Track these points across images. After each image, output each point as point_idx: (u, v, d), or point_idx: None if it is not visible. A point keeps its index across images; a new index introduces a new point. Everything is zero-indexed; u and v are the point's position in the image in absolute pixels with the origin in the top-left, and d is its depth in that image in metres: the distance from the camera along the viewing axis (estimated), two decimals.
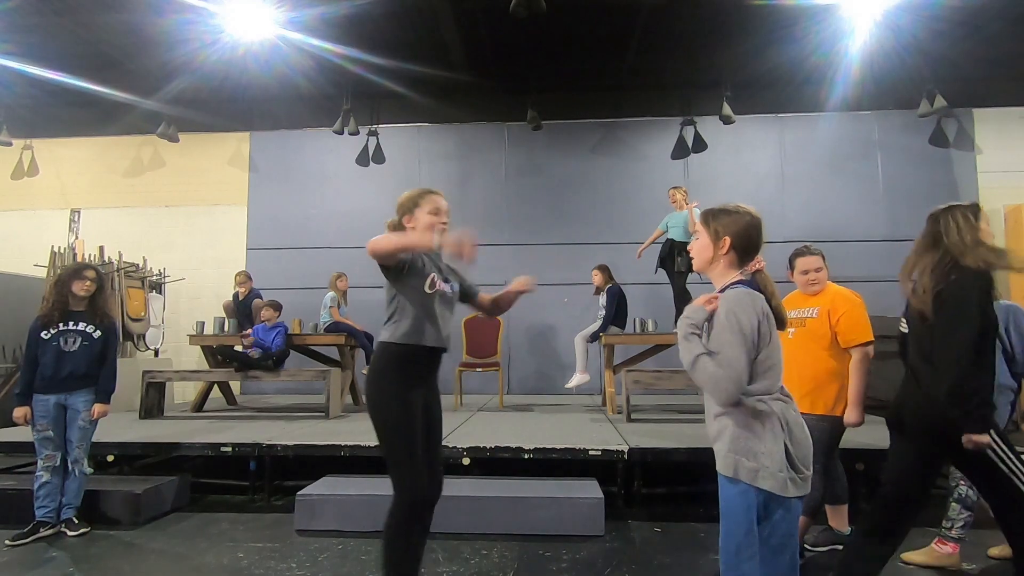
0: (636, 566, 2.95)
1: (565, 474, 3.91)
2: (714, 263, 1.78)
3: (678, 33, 6.72)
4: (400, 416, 2.12)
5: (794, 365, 2.74)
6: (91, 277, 3.48)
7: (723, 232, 1.75)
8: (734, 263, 1.76)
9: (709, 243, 1.78)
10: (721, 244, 1.75)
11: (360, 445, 4.01)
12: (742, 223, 1.75)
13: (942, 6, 5.94)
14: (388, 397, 2.15)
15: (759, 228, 1.77)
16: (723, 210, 1.79)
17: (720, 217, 1.77)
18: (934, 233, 2.21)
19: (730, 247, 1.74)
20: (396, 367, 2.17)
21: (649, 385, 5.01)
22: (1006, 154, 7.70)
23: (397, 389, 2.14)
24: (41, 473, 3.33)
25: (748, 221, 1.76)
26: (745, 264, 1.77)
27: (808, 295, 3.00)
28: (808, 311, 2.95)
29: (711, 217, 1.79)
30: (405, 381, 2.15)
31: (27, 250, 7.66)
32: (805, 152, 7.96)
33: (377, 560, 2.06)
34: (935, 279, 2.09)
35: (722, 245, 1.75)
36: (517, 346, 7.94)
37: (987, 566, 2.93)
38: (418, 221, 2.27)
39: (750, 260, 1.78)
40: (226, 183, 8.40)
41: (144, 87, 7.51)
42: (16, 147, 8.39)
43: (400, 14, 6.28)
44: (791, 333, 2.90)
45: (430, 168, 8.33)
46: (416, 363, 2.19)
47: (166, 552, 3.17)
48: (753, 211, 1.78)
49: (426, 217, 2.26)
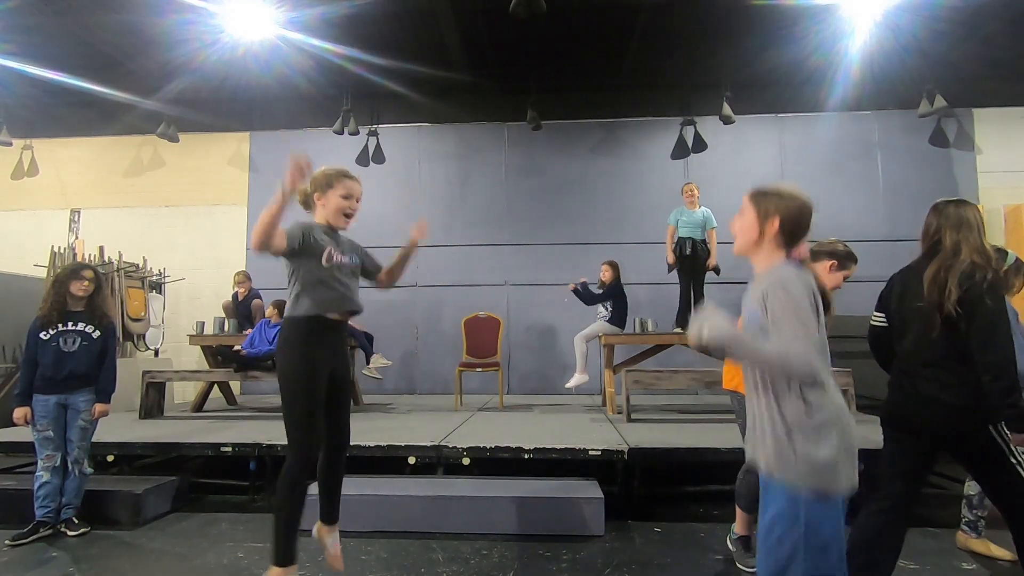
0: (636, 566, 2.95)
1: (565, 474, 3.91)
2: (759, 245, 1.66)
3: (678, 33, 6.71)
4: (302, 384, 2.24)
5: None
6: (89, 277, 3.48)
7: (773, 212, 1.64)
8: (780, 247, 1.64)
9: (755, 222, 1.66)
10: (770, 224, 1.63)
11: (360, 445, 4.01)
12: (795, 204, 1.64)
13: (942, 6, 5.94)
14: (292, 366, 2.26)
15: (811, 213, 1.65)
16: (775, 190, 1.68)
17: (771, 196, 1.66)
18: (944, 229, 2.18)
19: (779, 228, 1.62)
20: (300, 339, 2.27)
21: (649, 385, 5.02)
22: (1006, 154, 7.70)
23: (300, 359, 2.26)
24: (41, 473, 3.33)
25: (802, 203, 1.65)
26: (791, 250, 1.65)
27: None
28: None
29: (761, 196, 1.68)
30: (309, 351, 2.26)
31: (27, 250, 7.66)
32: (805, 152, 7.96)
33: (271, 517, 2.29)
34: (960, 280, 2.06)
35: (771, 225, 1.63)
36: (517, 346, 7.94)
37: (988, 566, 2.93)
38: (328, 200, 2.40)
39: (796, 246, 1.66)
40: (226, 183, 8.40)
41: (144, 87, 7.51)
42: (16, 147, 8.39)
43: (400, 14, 6.27)
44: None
45: (430, 168, 8.33)
46: (319, 333, 2.30)
47: (166, 552, 3.17)
48: (807, 195, 1.67)
49: (336, 199, 2.39)
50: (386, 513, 3.43)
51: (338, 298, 2.36)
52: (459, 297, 7.87)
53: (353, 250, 2.52)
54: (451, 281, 8.05)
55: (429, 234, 2.78)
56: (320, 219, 2.44)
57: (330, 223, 2.43)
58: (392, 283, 2.69)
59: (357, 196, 2.45)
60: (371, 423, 5.03)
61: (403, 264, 2.63)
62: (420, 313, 8.07)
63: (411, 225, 2.61)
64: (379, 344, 6.61)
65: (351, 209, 2.42)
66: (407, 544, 3.23)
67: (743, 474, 2.90)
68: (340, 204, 2.39)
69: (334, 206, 2.39)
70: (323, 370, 2.30)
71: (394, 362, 7.87)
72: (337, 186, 2.40)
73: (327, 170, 2.45)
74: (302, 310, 2.30)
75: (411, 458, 3.97)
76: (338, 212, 2.40)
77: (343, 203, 2.39)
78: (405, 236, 2.68)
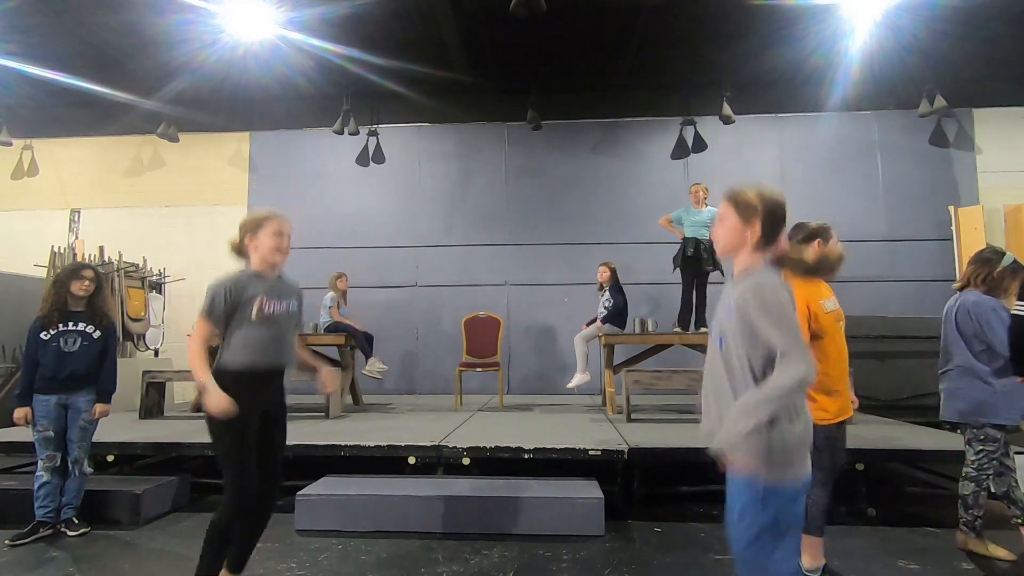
0: (636, 566, 2.95)
1: (565, 474, 3.91)
2: (743, 246, 1.71)
3: (678, 33, 6.71)
4: (229, 435, 2.26)
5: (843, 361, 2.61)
6: (89, 277, 3.48)
7: (753, 214, 1.69)
8: (760, 245, 1.70)
9: (738, 226, 1.71)
10: (752, 227, 1.69)
11: (360, 445, 4.01)
12: (773, 204, 1.69)
13: (942, 6, 5.94)
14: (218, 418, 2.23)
15: (785, 207, 1.71)
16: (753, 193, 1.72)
17: (750, 199, 1.71)
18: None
19: (760, 228, 1.68)
20: (226, 389, 2.22)
21: (649, 385, 5.01)
22: (1006, 154, 7.70)
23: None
24: (41, 473, 3.33)
25: (778, 202, 1.70)
26: (771, 244, 1.70)
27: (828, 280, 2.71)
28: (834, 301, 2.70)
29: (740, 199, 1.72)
30: (236, 401, 2.21)
31: (27, 250, 7.65)
32: (805, 152, 7.96)
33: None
34: None
35: (752, 228, 1.68)
36: (517, 346, 7.94)
37: (987, 566, 2.93)
38: (261, 242, 2.39)
39: (775, 242, 1.71)
40: (226, 183, 8.40)
41: (144, 87, 7.51)
42: (16, 147, 8.39)
43: (400, 14, 6.27)
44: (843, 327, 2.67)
45: (430, 168, 8.33)
46: (247, 384, 2.28)
47: (166, 552, 3.18)
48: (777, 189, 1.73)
49: (269, 239, 2.38)
50: (386, 513, 3.43)
51: (267, 351, 2.33)
52: (459, 297, 7.86)
53: (290, 295, 2.48)
54: (451, 281, 8.05)
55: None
56: (255, 263, 2.42)
57: (266, 263, 2.41)
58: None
59: (288, 233, 2.44)
60: (371, 423, 5.03)
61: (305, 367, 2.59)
62: (420, 313, 8.07)
63: (321, 381, 2.57)
64: (379, 344, 6.62)
65: (284, 246, 2.41)
66: (407, 544, 3.23)
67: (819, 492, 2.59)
68: (272, 243, 2.38)
69: (267, 246, 2.38)
70: (251, 419, 2.29)
71: (394, 362, 7.88)
72: (267, 225, 2.39)
73: (253, 214, 2.46)
74: (229, 362, 2.31)
75: (411, 458, 3.97)
76: (272, 251, 2.38)
77: (275, 241, 2.39)
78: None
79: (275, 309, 2.36)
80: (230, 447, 2.27)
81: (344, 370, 6.04)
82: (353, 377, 6.29)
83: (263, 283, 2.38)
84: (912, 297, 7.29)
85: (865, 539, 3.29)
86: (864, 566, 2.88)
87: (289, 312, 2.44)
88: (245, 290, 2.32)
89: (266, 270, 2.40)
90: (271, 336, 2.34)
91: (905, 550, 2.88)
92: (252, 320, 2.30)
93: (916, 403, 5.72)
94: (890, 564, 2.93)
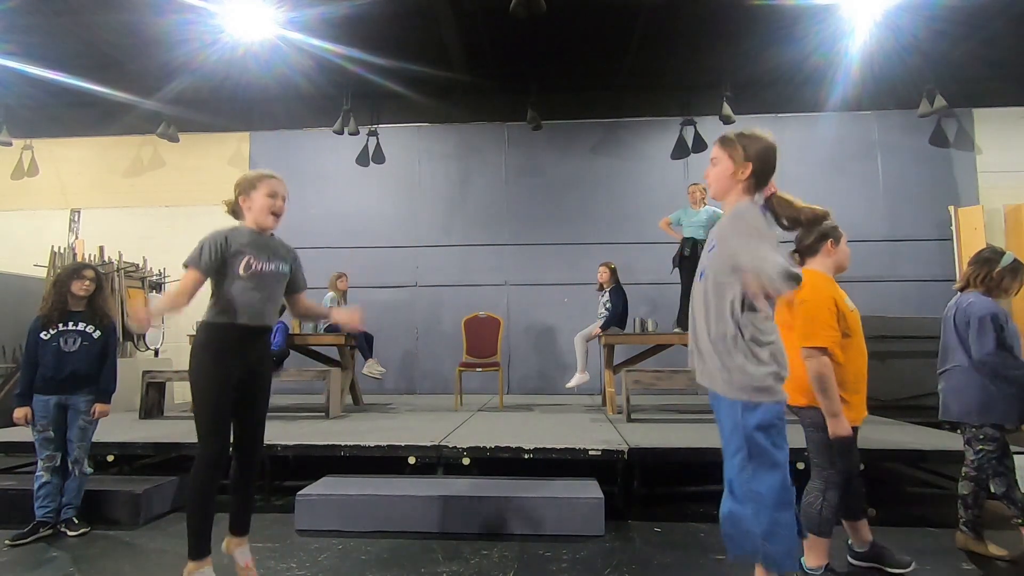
0: (636, 566, 2.95)
1: (565, 474, 3.91)
2: (733, 188, 1.75)
3: (678, 33, 6.71)
4: (208, 387, 2.31)
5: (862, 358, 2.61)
6: (90, 277, 3.48)
7: (744, 157, 1.72)
8: (750, 188, 1.74)
9: (730, 168, 1.74)
10: (743, 169, 1.72)
11: (360, 445, 4.01)
12: (762, 146, 1.73)
13: (942, 6, 5.94)
14: (199, 369, 2.33)
15: (775, 151, 1.76)
16: (742, 134, 1.76)
17: (741, 142, 1.74)
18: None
19: (751, 172, 1.72)
20: (210, 343, 2.32)
21: (649, 385, 5.01)
22: (1006, 154, 7.70)
23: (209, 363, 2.32)
24: (41, 473, 3.33)
25: (767, 144, 1.74)
26: (761, 189, 1.75)
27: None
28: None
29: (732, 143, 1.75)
30: (218, 356, 2.31)
31: (27, 250, 7.65)
32: (805, 152, 7.95)
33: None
34: None
35: (744, 169, 1.72)
36: (517, 346, 7.94)
37: (987, 566, 2.93)
38: (254, 202, 2.41)
39: (765, 185, 1.75)
40: (226, 183, 8.28)
41: (144, 87, 7.51)
42: (16, 147, 8.39)
43: (400, 14, 6.27)
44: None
45: (430, 168, 8.33)
46: (230, 340, 2.33)
47: (166, 552, 3.17)
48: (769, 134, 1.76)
49: (261, 199, 2.40)
50: (386, 513, 3.43)
51: (251, 309, 2.36)
52: (459, 297, 7.87)
53: (283, 257, 2.49)
54: (451, 281, 8.05)
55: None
56: (249, 223, 2.45)
57: (259, 225, 2.43)
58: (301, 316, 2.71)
59: (282, 194, 2.45)
60: (371, 423, 5.03)
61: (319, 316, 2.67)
62: (420, 313, 8.07)
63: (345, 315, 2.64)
64: (379, 344, 6.62)
65: (277, 207, 2.43)
66: (407, 544, 3.23)
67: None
68: (265, 203, 2.40)
69: (259, 206, 2.41)
70: (231, 376, 2.33)
71: (394, 362, 7.88)
72: (260, 186, 2.42)
73: (248, 174, 2.49)
74: (214, 316, 2.35)
75: (411, 458, 3.97)
76: (264, 211, 2.41)
77: (268, 202, 2.41)
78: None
79: (264, 268, 2.37)
80: (205, 403, 2.31)
81: (344, 370, 6.04)
82: (353, 377, 6.29)
83: (254, 241, 2.39)
84: (912, 297, 7.29)
85: None
86: (865, 566, 2.88)
87: (279, 273, 2.45)
88: (234, 246, 2.34)
89: (259, 230, 2.42)
90: (258, 294, 2.36)
91: (905, 550, 2.88)
92: (240, 276, 2.32)
93: (916, 403, 5.72)
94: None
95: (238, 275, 2.32)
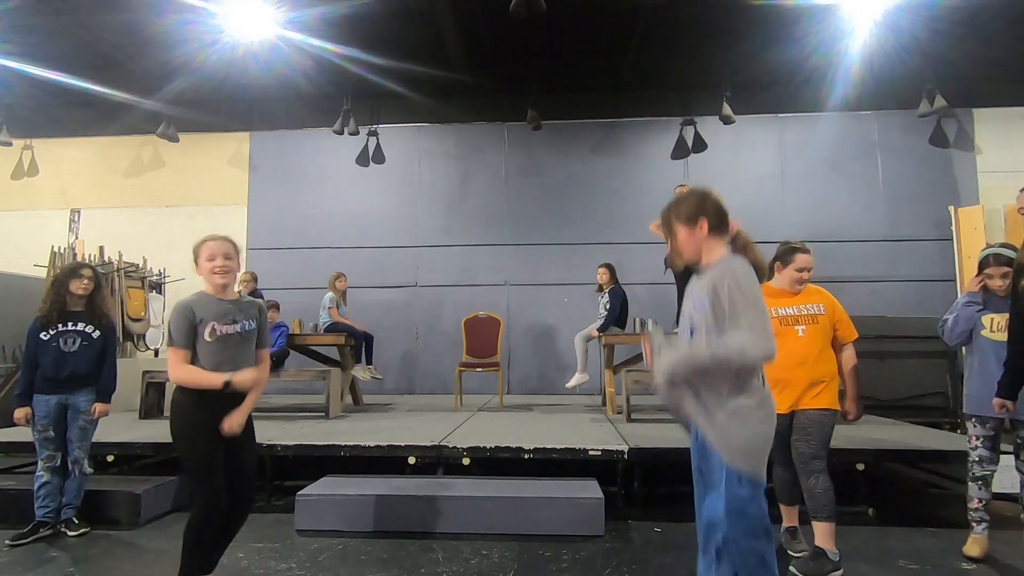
0: (636, 566, 2.95)
1: (565, 474, 3.91)
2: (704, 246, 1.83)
3: (678, 33, 6.71)
4: (193, 446, 2.39)
5: (809, 362, 2.81)
6: (88, 276, 3.48)
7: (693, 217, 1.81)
8: (715, 236, 1.82)
9: (689, 234, 1.83)
10: (700, 228, 1.81)
11: (360, 445, 4.01)
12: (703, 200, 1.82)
13: (942, 6, 5.94)
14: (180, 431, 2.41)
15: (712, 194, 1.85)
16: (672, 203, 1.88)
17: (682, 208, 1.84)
18: None
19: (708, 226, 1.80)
20: (188, 406, 2.40)
21: (649, 385, 5.00)
22: (1006, 154, 7.70)
23: (190, 425, 2.39)
24: (41, 473, 3.33)
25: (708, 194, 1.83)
26: (723, 233, 1.83)
27: (793, 293, 2.95)
28: (814, 307, 2.90)
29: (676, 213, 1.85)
30: (198, 417, 2.38)
31: (27, 250, 7.64)
32: (805, 152, 7.95)
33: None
34: None
35: (700, 228, 1.81)
36: (517, 346, 7.94)
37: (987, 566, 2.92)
38: (202, 269, 2.50)
39: (726, 229, 1.83)
40: (226, 183, 8.40)
41: (144, 87, 7.51)
42: (16, 147, 8.39)
43: (400, 14, 6.27)
44: (801, 331, 2.85)
45: (430, 168, 8.33)
46: (207, 401, 2.39)
47: (166, 552, 3.17)
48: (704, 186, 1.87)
49: (205, 265, 2.48)
50: (386, 513, 3.43)
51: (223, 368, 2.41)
52: (459, 297, 7.87)
53: (249, 315, 2.54)
54: (451, 281, 8.05)
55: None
56: (207, 288, 2.51)
57: (213, 288, 2.49)
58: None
59: (222, 253, 2.47)
60: (371, 423, 5.03)
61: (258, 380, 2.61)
62: (420, 313, 8.07)
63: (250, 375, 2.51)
64: (379, 344, 6.63)
65: (219, 267, 2.46)
66: (407, 544, 3.23)
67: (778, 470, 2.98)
68: (207, 267, 2.46)
69: (205, 272, 2.48)
70: (213, 431, 2.38)
71: (394, 362, 7.89)
72: (201, 252, 2.48)
73: (196, 242, 2.54)
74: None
75: (411, 458, 3.97)
76: (209, 275, 2.47)
77: (208, 266, 2.46)
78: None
79: (228, 330, 2.44)
80: (194, 453, 2.39)
81: (344, 370, 6.04)
82: (353, 377, 6.29)
83: (215, 306, 2.45)
84: (912, 297, 7.28)
85: (865, 539, 3.29)
86: (864, 566, 2.88)
87: (244, 331, 2.50)
88: (199, 314, 2.42)
89: (217, 292, 2.48)
90: (226, 356, 2.43)
91: (905, 550, 2.88)
92: (207, 341, 2.40)
93: (916, 403, 5.72)
94: (890, 564, 2.93)
95: (205, 340, 2.41)
